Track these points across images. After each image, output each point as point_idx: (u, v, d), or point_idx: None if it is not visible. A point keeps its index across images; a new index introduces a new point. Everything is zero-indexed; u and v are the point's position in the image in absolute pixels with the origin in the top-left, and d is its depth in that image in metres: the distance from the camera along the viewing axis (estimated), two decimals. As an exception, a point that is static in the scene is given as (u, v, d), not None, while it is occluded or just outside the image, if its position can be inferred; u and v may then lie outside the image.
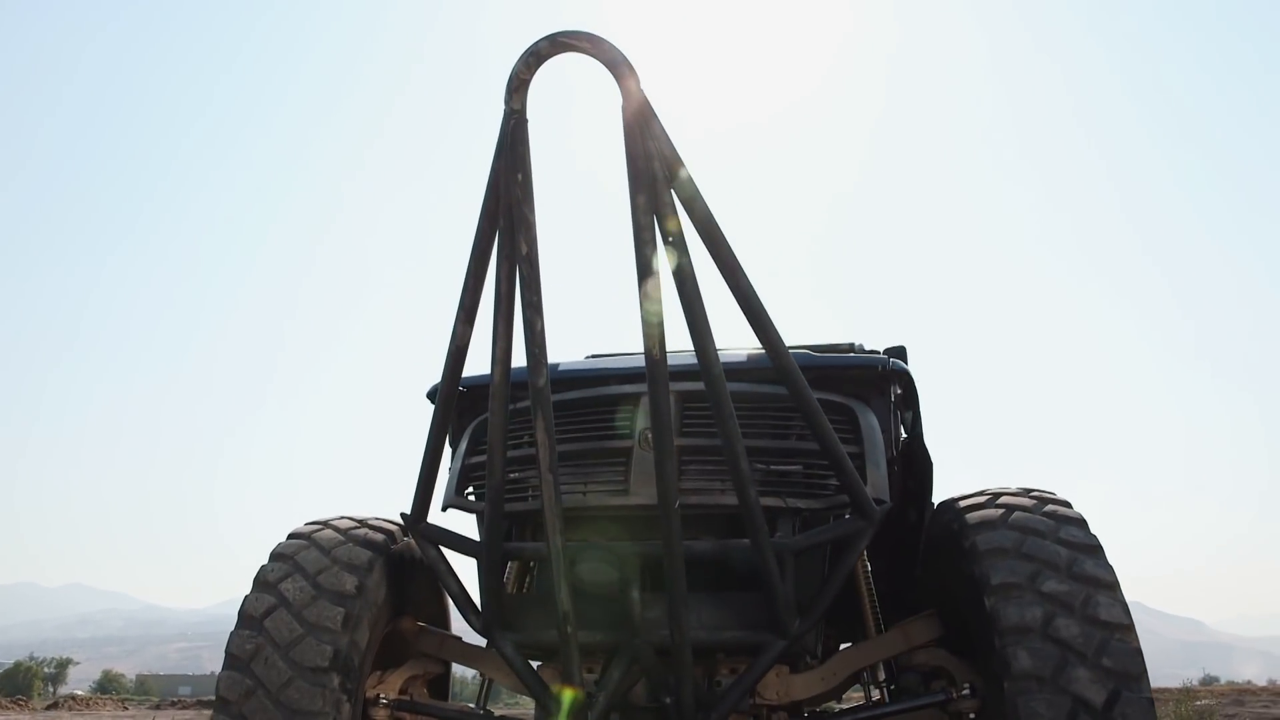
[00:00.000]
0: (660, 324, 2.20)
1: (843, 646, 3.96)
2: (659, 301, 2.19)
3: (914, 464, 3.43)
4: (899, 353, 4.26)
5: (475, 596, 3.03)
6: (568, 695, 2.72)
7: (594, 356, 4.69)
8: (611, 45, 2.03)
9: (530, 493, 3.02)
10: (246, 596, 2.98)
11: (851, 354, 3.88)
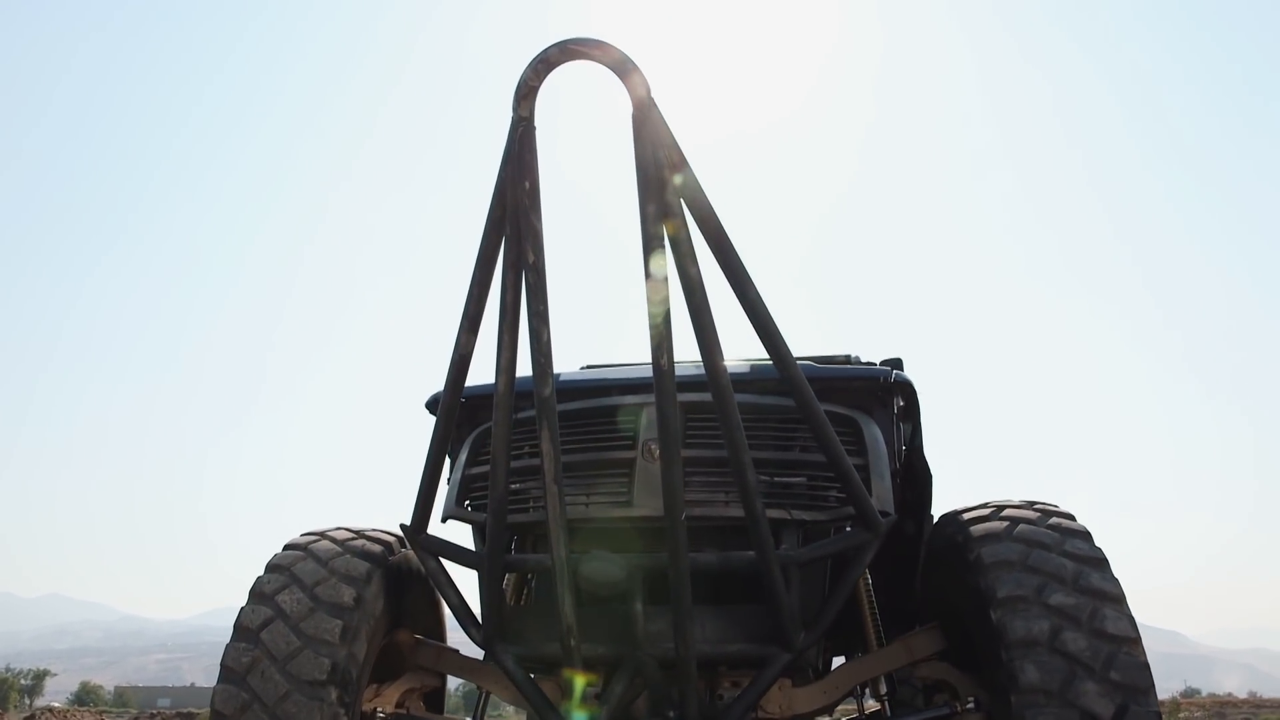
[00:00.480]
0: (669, 334, 2.19)
1: (835, 660, 3.94)
2: (667, 311, 2.18)
3: (913, 476, 3.42)
4: (895, 364, 4.26)
5: (472, 608, 3.00)
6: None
7: (588, 368, 4.66)
8: (623, 52, 2.02)
9: (531, 504, 2.99)
10: (242, 608, 2.93)
11: (854, 365, 3.87)
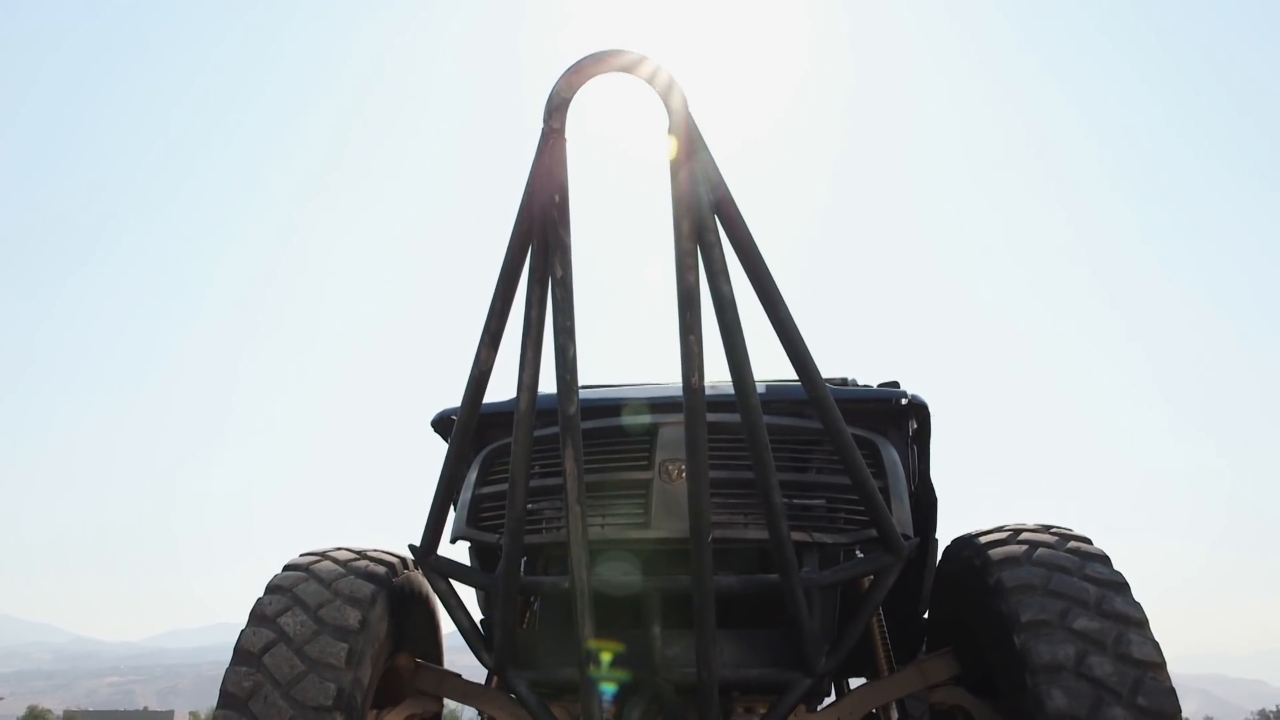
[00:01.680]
0: (700, 352, 2.15)
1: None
2: (699, 329, 2.14)
3: (920, 499, 3.40)
4: (892, 388, 4.25)
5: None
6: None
7: (588, 388, 4.61)
8: (660, 66, 1.99)
9: (545, 524, 2.93)
10: (243, 631, 2.84)
11: (869, 387, 3.86)
